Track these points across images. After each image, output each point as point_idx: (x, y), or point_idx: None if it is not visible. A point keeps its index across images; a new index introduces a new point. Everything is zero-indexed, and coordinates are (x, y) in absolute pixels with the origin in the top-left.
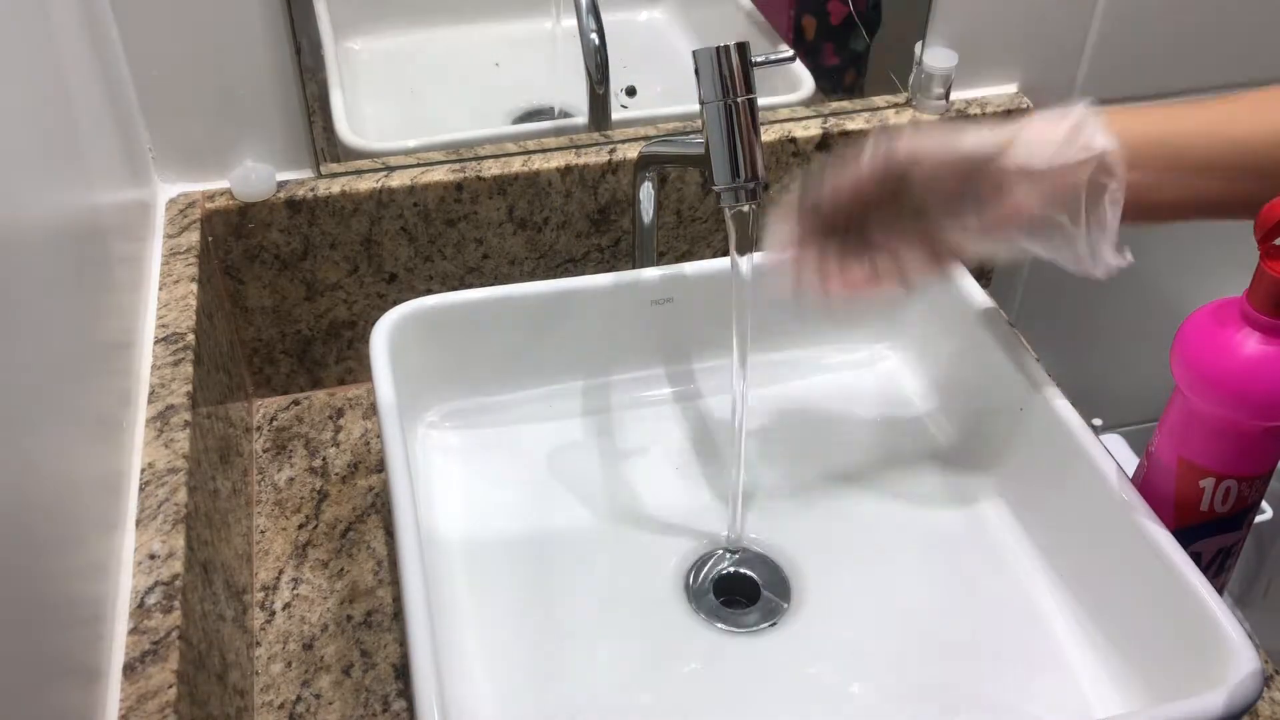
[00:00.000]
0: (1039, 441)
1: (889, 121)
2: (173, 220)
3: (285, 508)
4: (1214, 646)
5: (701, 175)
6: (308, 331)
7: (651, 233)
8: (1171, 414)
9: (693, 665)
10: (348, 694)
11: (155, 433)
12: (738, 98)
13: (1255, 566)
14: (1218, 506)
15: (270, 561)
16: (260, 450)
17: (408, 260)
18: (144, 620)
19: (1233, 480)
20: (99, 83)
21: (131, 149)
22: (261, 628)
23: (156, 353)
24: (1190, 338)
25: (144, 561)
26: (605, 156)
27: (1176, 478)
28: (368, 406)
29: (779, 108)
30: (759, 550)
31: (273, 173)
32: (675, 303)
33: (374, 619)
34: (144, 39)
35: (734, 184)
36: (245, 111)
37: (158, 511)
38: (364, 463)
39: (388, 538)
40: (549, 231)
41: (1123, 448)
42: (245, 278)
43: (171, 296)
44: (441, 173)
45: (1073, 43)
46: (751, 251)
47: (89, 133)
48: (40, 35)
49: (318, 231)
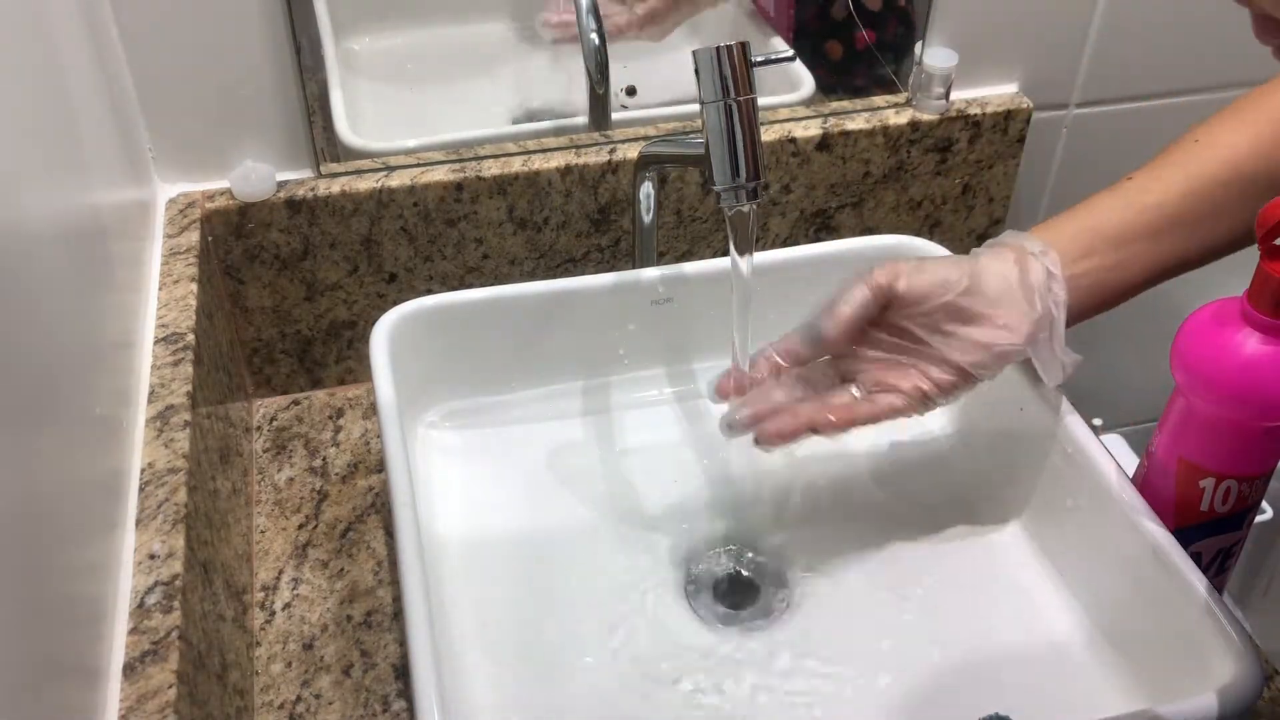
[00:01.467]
0: (1039, 442)
1: (889, 121)
2: (173, 220)
3: (285, 508)
4: (1214, 646)
5: (701, 175)
6: (308, 331)
7: (651, 233)
8: (1171, 414)
9: (692, 665)
10: (348, 694)
11: (155, 432)
12: (738, 98)
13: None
14: (1218, 506)
15: (270, 561)
16: (260, 450)
17: (408, 260)
18: (144, 620)
19: (1233, 480)
20: (99, 83)
21: (131, 149)
22: (261, 628)
23: (156, 353)
24: (1190, 338)
25: (144, 561)
26: (605, 156)
27: (1176, 478)
28: (368, 406)
29: (779, 108)
30: (759, 550)
31: (273, 172)
32: (675, 303)
33: (374, 619)
34: (144, 39)
35: (734, 184)
36: (245, 111)
37: (158, 511)
38: (364, 463)
39: (388, 538)
40: (549, 231)
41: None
42: (245, 278)
43: (171, 296)
44: (441, 173)
45: (1073, 43)
46: (751, 251)
47: (89, 133)
48: (40, 35)
49: (318, 231)
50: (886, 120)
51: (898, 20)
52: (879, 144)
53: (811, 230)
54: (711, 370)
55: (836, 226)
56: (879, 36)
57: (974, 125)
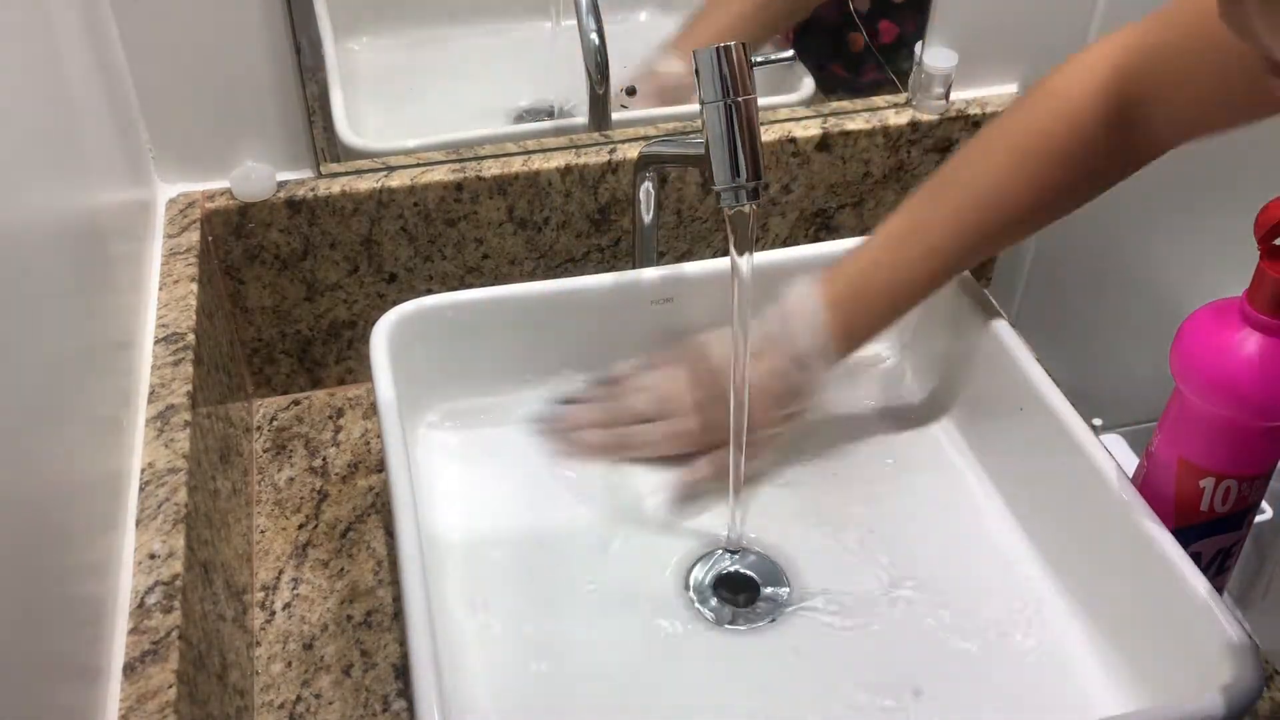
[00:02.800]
0: (1039, 441)
1: (889, 121)
2: (173, 220)
3: (285, 508)
4: (1214, 646)
5: (701, 175)
6: (308, 331)
7: (651, 233)
8: (1171, 414)
9: (693, 664)
10: (348, 694)
11: (155, 432)
12: (738, 98)
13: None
14: (1218, 506)
15: (270, 561)
16: (260, 450)
17: (408, 260)
18: (144, 620)
19: (1233, 480)
20: (99, 83)
21: (131, 149)
22: (261, 628)
23: (156, 352)
24: (1190, 338)
25: (144, 561)
26: (605, 156)
27: (1176, 478)
28: (368, 406)
29: (779, 107)
30: (759, 549)
31: (273, 173)
32: (675, 303)
33: (374, 619)
34: (144, 39)
35: (734, 184)
36: (245, 111)
37: (158, 511)
38: (364, 463)
39: (388, 538)
40: (549, 231)
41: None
42: (245, 278)
43: (171, 296)
44: (441, 173)
45: (1073, 43)
46: (751, 251)
47: (89, 133)
48: (41, 35)
49: (318, 231)
50: (886, 120)
51: (916, 12)
52: (879, 144)
53: (811, 230)
54: None
55: (836, 227)
56: (900, 31)
57: (974, 125)
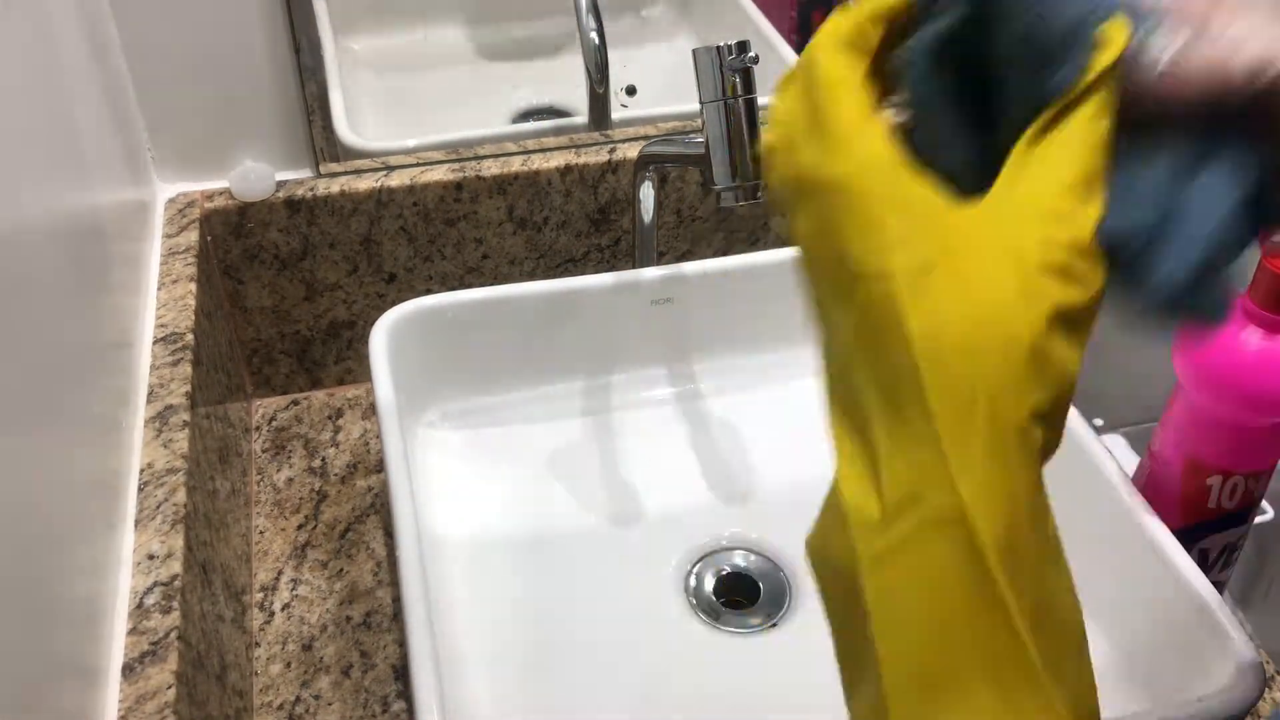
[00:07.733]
0: None
1: None
2: (172, 220)
3: (284, 508)
4: (1214, 647)
5: (701, 175)
6: (307, 331)
7: (651, 232)
8: (1175, 412)
9: (693, 665)
10: (347, 695)
11: (154, 433)
12: (737, 97)
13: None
14: (1225, 502)
15: (269, 562)
16: (259, 450)
17: (407, 260)
18: (143, 621)
19: (1240, 476)
20: (99, 83)
21: (131, 149)
22: (261, 628)
23: (155, 353)
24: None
25: (143, 562)
26: (605, 156)
27: (1182, 476)
28: (367, 406)
29: None
30: (759, 550)
31: (272, 172)
32: (675, 303)
33: (373, 619)
34: (144, 39)
35: (734, 184)
36: (245, 111)
37: (156, 512)
38: (363, 463)
39: (387, 538)
40: (549, 231)
41: (1123, 448)
42: (244, 278)
43: (170, 296)
44: (441, 172)
45: None
46: None
47: (88, 133)
48: (40, 35)
49: (317, 231)
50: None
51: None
52: None
53: None
54: (711, 370)
55: None
56: None
57: None
